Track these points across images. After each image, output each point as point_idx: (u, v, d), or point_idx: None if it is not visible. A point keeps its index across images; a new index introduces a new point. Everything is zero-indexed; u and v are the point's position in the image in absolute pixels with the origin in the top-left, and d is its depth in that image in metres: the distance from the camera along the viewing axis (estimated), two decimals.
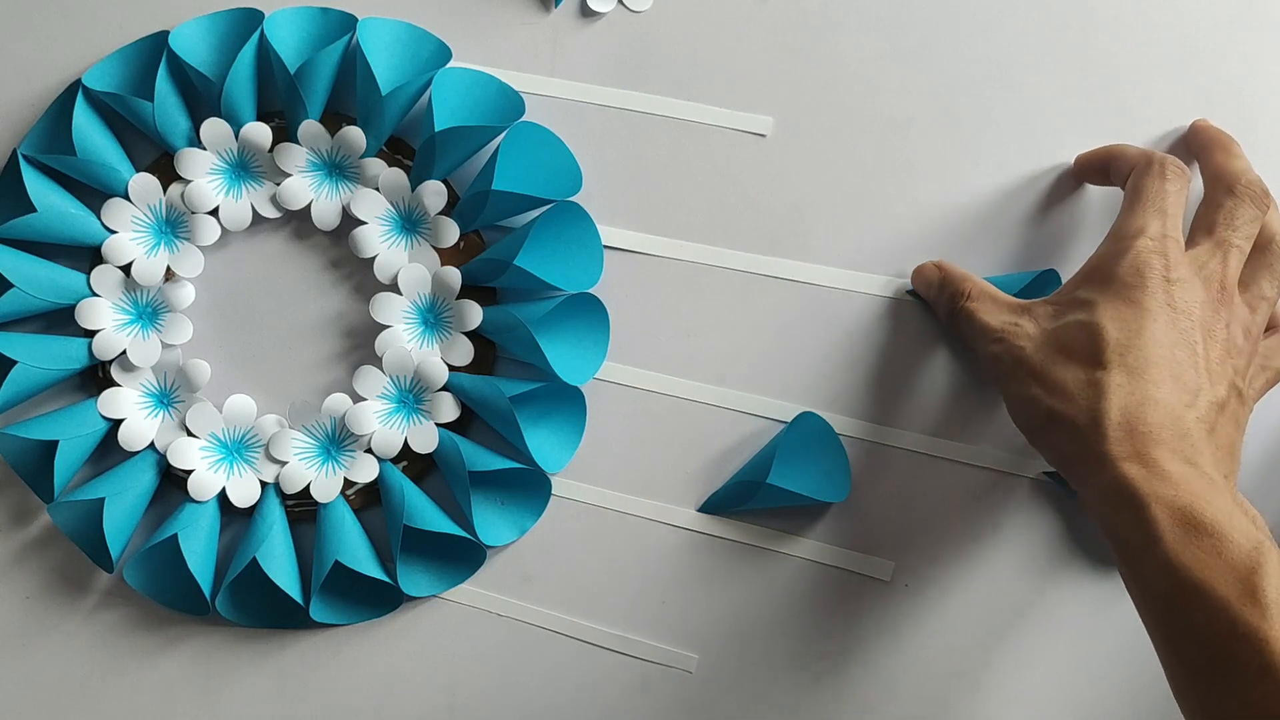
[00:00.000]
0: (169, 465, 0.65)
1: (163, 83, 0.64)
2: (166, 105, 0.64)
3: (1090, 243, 0.67)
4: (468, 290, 0.66)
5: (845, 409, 0.67)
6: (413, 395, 0.66)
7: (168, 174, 0.66)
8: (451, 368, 0.66)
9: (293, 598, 0.64)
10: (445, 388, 0.66)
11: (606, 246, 0.66)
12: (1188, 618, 0.52)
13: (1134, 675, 0.68)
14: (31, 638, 0.67)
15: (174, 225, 0.66)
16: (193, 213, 0.65)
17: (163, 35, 0.65)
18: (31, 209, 0.64)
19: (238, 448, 0.66)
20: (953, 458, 0.67)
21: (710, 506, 0.67)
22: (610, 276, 0.67)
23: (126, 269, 0.65)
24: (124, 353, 0.65)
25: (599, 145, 0.67)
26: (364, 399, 0.66)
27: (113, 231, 0.65)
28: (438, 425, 0.66)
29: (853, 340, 0.67)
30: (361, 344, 0.67)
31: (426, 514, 0.64)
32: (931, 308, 0.65)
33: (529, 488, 0.67)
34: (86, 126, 0.64)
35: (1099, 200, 0.68)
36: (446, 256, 0.66)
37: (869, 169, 0.67)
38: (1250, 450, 0.66)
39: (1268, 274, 0.61)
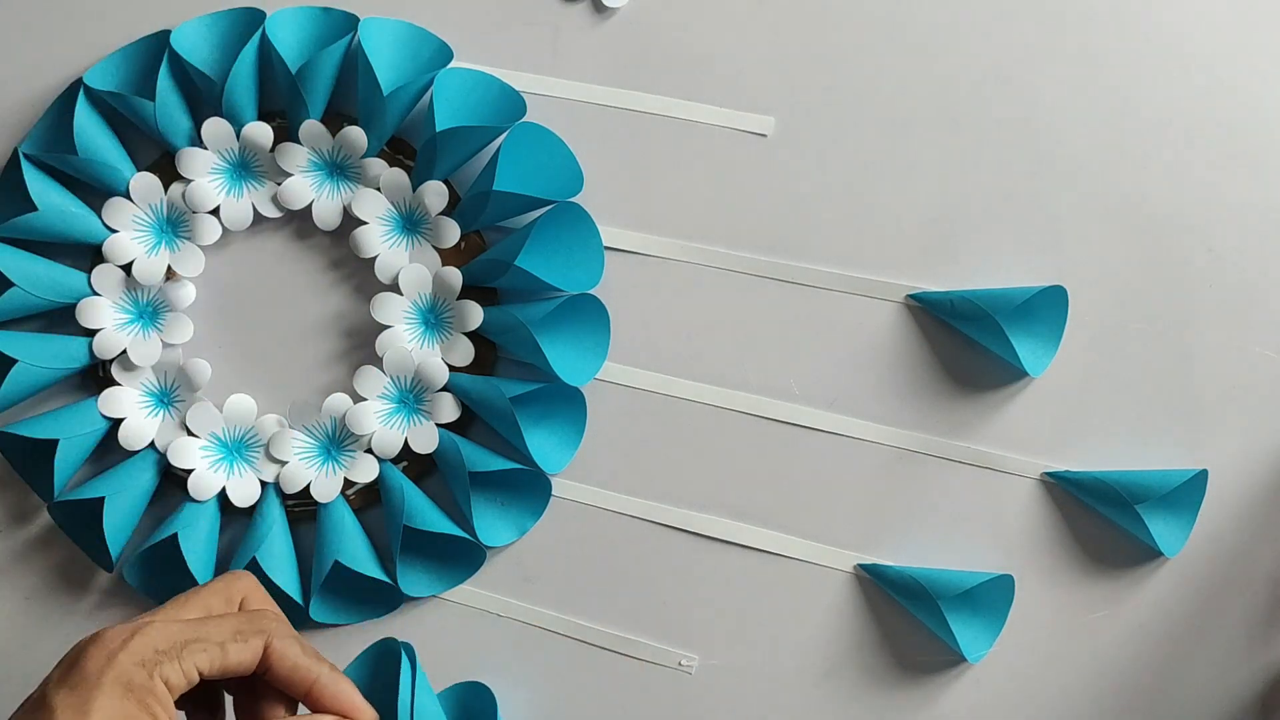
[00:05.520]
0: (169, 464, 0.65)
1: (164, 82, 0.64)
2: (168, 104, 0.64)
3: (1091, 243, 0.67)
4: (468, 290, 0.66)
5: (845, 409, 0.67)
6: (413, 395, 0.66)
7: (169, 173, 0.66)
8: (452, 368, 0.66)
9: (293, 598, 0.64)
10: (446, 388, 0.66)
11: (607, 247, 0.66)
12: None
13: (1134, 673, 0.68)
14: (31, 638, 0.67)
15: (175, 224, 0.66)
16: (194, 212, 0.66)
17: (164, 34, 0.65)
18: (33, 208, 0.64)
19: (238, 447, 0.66)
20: (953, 458, 0.67)
21: None
22: (610, 277, 0.67)
23: (127, 268, 0.65)
24: (124, 352, 0.65)
25: (599, 145, 0.67)
26: (364, 399, 0.66)
27: (114, 230, 0.65)
28: (438, 425, 0.66)
29: (853, 340, 0.67)
30: (362, 344, 0.67)
31: (426, 514, 0.64)
32: None
33: (529, 488, 0.67)
34: (88, 125, 0.64)
35: (1100, 200, 0.68)
36: (447, 257, 0.66)
37: (869, 169, 0.67)
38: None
39: None
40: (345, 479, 0.66)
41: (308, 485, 0.66)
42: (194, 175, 0.65)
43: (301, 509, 0.66)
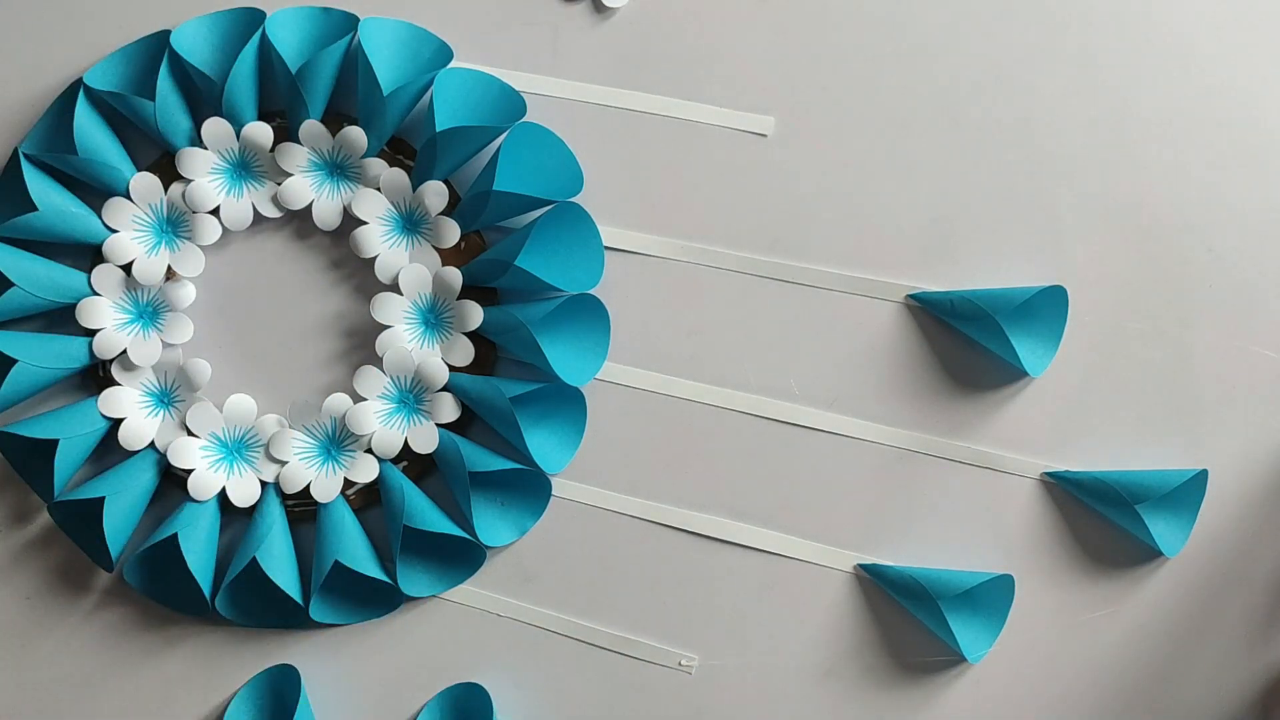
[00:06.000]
0: (169, 464, 0.65)
1: (164, 82, 0.64)
2: (168, 104, 0.64)
3: (1091, 243, 0.67)
4: (468, 290, 0.66)
5: (845, 409, 0.67)
6: (413, 395, 0.66)
7: (169, 173, 0.66)
8: (452, 368, 0.66)
9: (293, 598, 0.64)
10: (446, 388, 0.66)
11: (607, 247, 0.66)
12: None
13: (1134, 673, 0.68)
14: (31, 638, 0.67)
15: (175, 224, 0.66)
16: (194, 212, 0.66)
17: (164, 35, 0.65)
18: (33, 208, 0.64)
19: (238, 447, 0.66)
20: (953, 458, 0.67)
21: None
22: (610, 276, 0.67)
23: (127, 268, 0.65)
24: (124, 352, 0.65)
25: (599, 145, 0.67)
26: (364, 399, 0.66)
27: (114, 230, 0.65)
28: (438, 425, 0.66)
29: (853, 340, 0.67)
30: (362, 344, 0.67)
31: (426, 514, 0.64)
32: None
33: (529, 488, 0.67)
34: (88, 125, 0.64)
35: (1100, 200, 0.68)
36: (447, 257, 0.66)
37: (869, 169, 0.67)
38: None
39: None
40: (345, 479, 0.66)
41: (308, 485, 0.66)
42: (194, 175, 0.65)
43: (301, 509, 0.66)
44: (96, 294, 0.65)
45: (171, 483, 0.66)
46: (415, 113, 0.66)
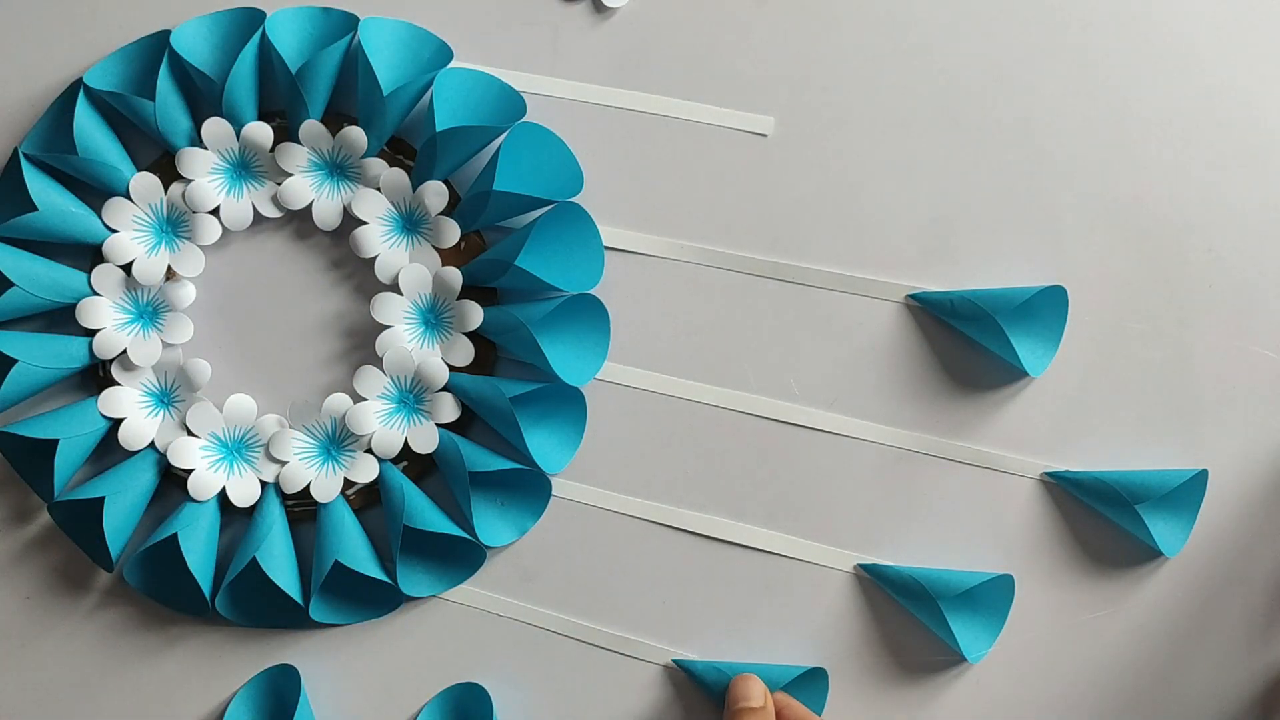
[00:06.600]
0: (169, 464, 0.65)
1: (164, 82, 0.64)
2: (168, 104, 0.64)
3: (1092, 242, 0.67)
4: (468, 290, 0.66)
5: (845, 409, 0.67)
6: (413, 395, 0.66)
7: (169, 173, 0.66)
8: (452, 368, 0.66)
9: (293, 598, 0.64)
10: (446, 388, 0.66)
11: (607, 247, 0.66)
12: None
13: (1134, 673, 0.68)
14: (31, 638, 0.67)
15: (175, 224, 0.66)
16: (194, 212, 0.66)
17: (164, 34, 0.65)
18: (33, 208, 0.64)
19: (238, 447, 0.66)
20: (953, 458, 0.67)
21: None
22: (610, 276, 0.67)
23: (127, 268, 0.65)
24: (124, 352, 0.65)
25: (599, 145, 0.67)
26: (364, 399, 0.66)
27: (114, 230, 0.65)
28: (438, 425, 0.66)
29: (853, 340, 0.67)
30: (362, 344, 0.67)
31: (426, 514, 0.64)
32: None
33: (529, 488, 0.67)
34: (88, 125, 0.64)
35: (1100, 200, 0.68)
36: (447, 257, 0.66)
37: (869, 169, 0.67)
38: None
39: None
40: (345, 479, 0.66)
41: (308, 485, 0.66)
42: (194, 175, 0.65)
43: (301, 509, 0.66)
44: (96, 294, 0.65)
45: (171, 483, 0.66)
46: (415, 113, 0.66)
